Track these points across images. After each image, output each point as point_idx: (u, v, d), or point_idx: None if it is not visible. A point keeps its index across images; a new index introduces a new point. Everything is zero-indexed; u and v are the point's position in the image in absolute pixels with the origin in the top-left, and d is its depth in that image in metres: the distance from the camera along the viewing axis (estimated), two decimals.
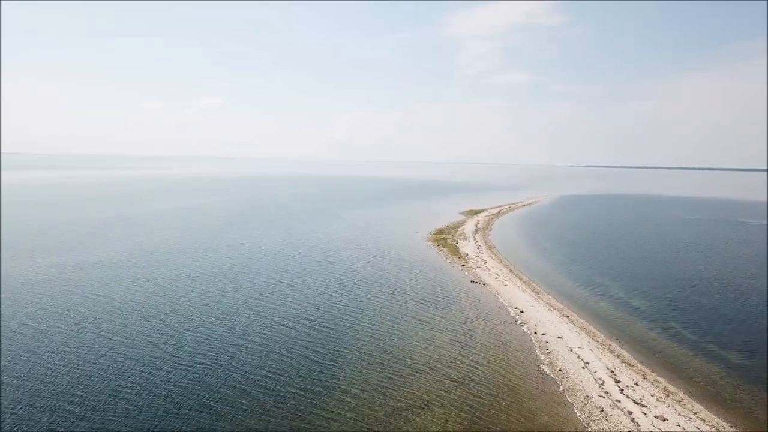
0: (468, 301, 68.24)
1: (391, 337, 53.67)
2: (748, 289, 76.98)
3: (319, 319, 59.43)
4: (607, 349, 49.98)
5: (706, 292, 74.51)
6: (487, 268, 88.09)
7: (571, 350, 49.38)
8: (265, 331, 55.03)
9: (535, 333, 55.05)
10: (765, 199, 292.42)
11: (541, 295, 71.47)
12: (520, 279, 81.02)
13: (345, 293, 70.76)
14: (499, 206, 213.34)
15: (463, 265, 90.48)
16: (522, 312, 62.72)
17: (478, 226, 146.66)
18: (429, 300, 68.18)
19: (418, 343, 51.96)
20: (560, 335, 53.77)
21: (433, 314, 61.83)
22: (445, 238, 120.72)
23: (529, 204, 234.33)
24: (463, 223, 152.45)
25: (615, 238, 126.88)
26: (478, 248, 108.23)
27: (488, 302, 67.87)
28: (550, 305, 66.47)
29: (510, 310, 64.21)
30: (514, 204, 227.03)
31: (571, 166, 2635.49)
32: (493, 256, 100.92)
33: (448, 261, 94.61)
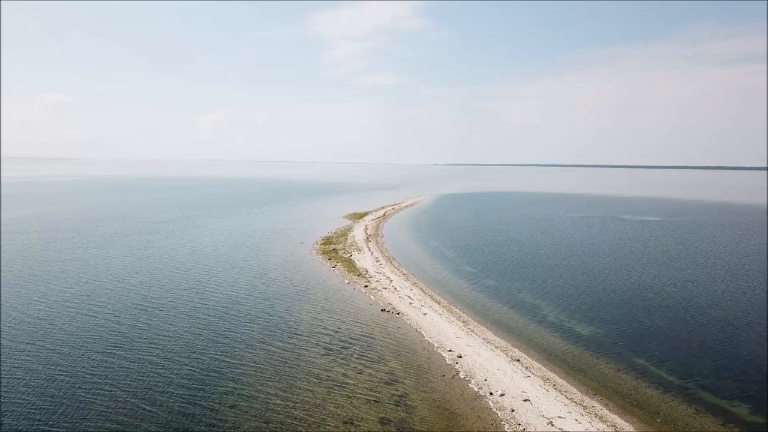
0: (386, 343, 52.30)
1: (294, 422, 35.92)
2: (692, 299, 70.32)
3: (189, 391, 39.90)
4: (596, 416, 36.91)
5: (648, 309, 66.16)
6: (396, 289, 73.06)
7: (551, 422, 35.56)
8: (115, 413, 34.58)
9: (491, 393, 40.61)
10: (624, 195, 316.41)
11: (471, 327, 57.74)
12: (439, 303, 66.91)
13: (221, 342, 51.13)
14: (383, 207, 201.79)
15: (366, 286, 74.62)
16: (460, 357, 48.18)
17: (368, 232, 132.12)
18: (335, 345, 51.16)
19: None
20: (525, 395, 39.86)
21: (346, 371, 44.96)
22: (335, 249, 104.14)
23: (411, 204, 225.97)
24: (350, 228, 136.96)
25: (516, 242, 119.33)
26: (376, 261, 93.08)
27: (412, 343, 52.52)
28: (489, 341, 52.88)
29: (444, 354, 49.39)
30: (396, 205, 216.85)
31: (435, 164, 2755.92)
32: (396, 271, 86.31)
33: (347, 281, 78.19)
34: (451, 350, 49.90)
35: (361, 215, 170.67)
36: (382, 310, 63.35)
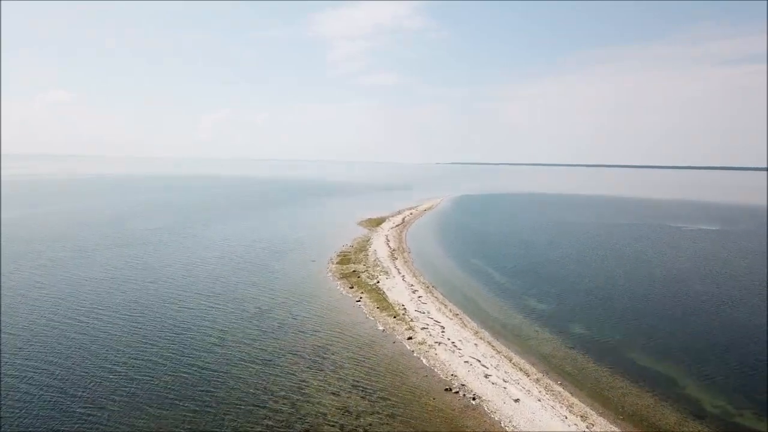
0: None
1: None
2: None
3: None
4: None
5: None
6: (455, 345, 51.58)
7: None
8: None
9: None
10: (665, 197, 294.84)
11: (597, 428, 36.27)
12: (528, 375, 45.36)
13: None
14: (400, 212, 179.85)
15: (411, 338, 53.29)
16: None
17: (390, 245, 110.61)
18: None
19: None
20: None
21: None
22: (356, 272, 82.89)
23: (429, 208, 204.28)
24: (368, 240, 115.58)
25: (577, 261, 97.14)
26: (413, 292, 71.73)
27: None
28: None
29: None
30: (413, 209, 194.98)
31: (437, 163, 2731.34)
32: (444, 309, 64.72)
33: (381, 326, 56.91)
34: None
35: (378, 222, 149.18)
36: (446, 389, 41.94)
